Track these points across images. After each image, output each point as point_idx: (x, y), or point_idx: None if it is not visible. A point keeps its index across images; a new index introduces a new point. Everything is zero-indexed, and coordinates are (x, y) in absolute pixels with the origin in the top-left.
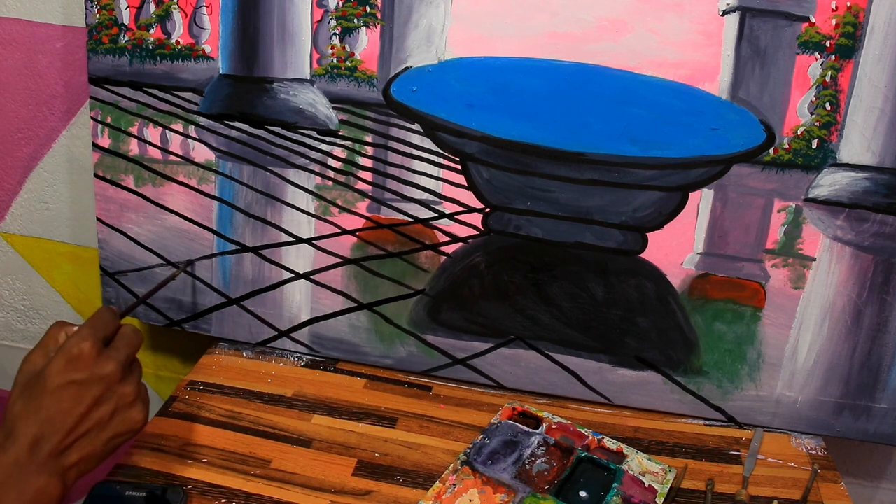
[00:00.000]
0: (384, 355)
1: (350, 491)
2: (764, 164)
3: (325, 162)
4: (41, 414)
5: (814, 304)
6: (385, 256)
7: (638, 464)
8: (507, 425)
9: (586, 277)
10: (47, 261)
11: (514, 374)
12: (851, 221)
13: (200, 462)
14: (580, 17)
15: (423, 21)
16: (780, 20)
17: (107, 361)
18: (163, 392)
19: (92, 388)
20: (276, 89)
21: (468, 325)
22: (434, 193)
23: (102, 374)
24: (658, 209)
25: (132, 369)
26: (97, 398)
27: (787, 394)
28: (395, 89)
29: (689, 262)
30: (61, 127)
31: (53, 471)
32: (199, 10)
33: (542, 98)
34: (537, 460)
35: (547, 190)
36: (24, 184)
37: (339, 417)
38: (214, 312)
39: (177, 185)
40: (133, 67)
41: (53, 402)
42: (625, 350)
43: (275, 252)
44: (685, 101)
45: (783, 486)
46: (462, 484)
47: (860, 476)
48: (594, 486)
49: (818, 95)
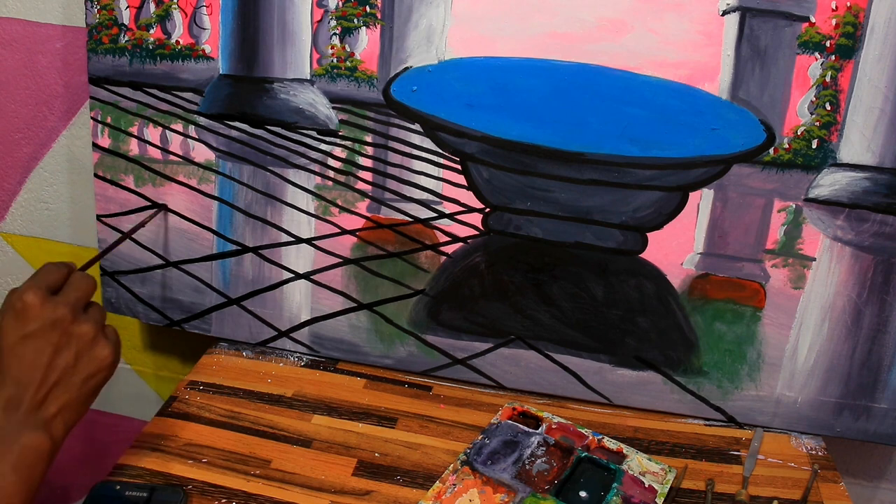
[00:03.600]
0: (384, 355)
1: (350, 491)
2: (764, 164)
3: (325, 162)
4: (6, 374)
5: (814, 304)
6: (385, 256)
7: (638, 464)
8: (507, 425)
9: (586, 277)
10: (47, 261)
11: (514, 374)
12: (851, 221)
13: (200, 462)
14: (580, 17)
15: (423, 21)
16: (780, 20)
17: (55, 307)
18: (163, 392)
19: (47, 335)
20: (276, 89)
21: (468, 325)
22: (434, 193)
23: (54, 319)
24: (658, 209)
25: (88, 311)
26: (56, 345)
27: (787, 394)
28: (395, 89)
29: (689, 262)
30: (61, 127)
31: (35, 425)
32: (199, 10)
33: (542, 98)
34: (537, 460)
35: (547, 190)
36: (24, 184)
37: (339, 417)
38: (214, 312)
39: (177, 185)
40: (133, 67)
41: (14, 360)
42: (625, 350)
43: (275, 252)
44: (685, 101)
45: (783, 486)
46: (462, 484)
47: (860, 476)
48: (594, 486)
49: (818, 95)
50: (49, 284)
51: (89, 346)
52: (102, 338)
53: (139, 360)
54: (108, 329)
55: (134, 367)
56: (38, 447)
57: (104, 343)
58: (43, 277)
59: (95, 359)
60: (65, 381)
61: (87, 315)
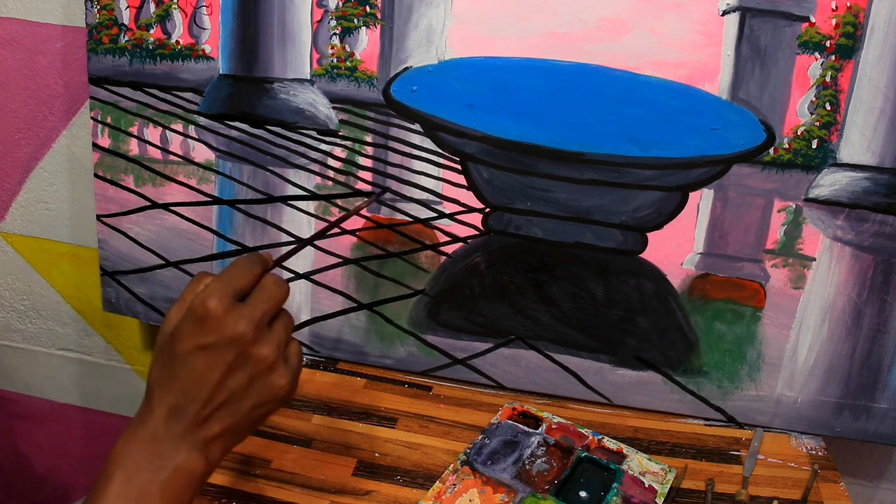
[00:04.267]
0: (384, 355)
1: (350, 491)
2: (764, 164)
3: (325, 162)
4: (175, 382)
5: (814, 304)
6: (385, 256)
7: (638, 464)
8: (507, 425)
9: (586, 277)
10: (47, 261)
11: (514, 374)
12: (851, 221)
13: None
14: (580, 17)
15: (423, 21)
16: (780, 20)
17: (238, 321)
18: None
19: (223, 352)
20: (276, 89)
21: (468, 324)
22: (434, 193)
23: (233, 336)
24: (658, 209)
25: (273, 328)
26: (230, 364)
27: (787, 394)
28: (395, 89)
29: (689, 262)
30: (61, 127)
31: (193, 444)
32: (199, 10)
33: (542, 98)
34: (537, 460)
35: (547, 190)
36: (24, 184)
37: (339, 417)
38: None
39: (177, 185)
40: (133, 67)
41: (185, 369)
42: (625, 350)
43: (274, 252)
44: (685, 101)
45: (783, 486)
46: (462, 484)
47: (860, 476)
48: (594, 486)
49: (818, 95)
50: (238, 289)
51: (266, 373)
52: (282, 364)
53: (139, 360)
54: (291, 351)
55: (134, 368)
56: (192, 470)
57: (282, 371)
58: (233, 278)
59: (270, 387)
60: (233, 403)
61: (270, 334)
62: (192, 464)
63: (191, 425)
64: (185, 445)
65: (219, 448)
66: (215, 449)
